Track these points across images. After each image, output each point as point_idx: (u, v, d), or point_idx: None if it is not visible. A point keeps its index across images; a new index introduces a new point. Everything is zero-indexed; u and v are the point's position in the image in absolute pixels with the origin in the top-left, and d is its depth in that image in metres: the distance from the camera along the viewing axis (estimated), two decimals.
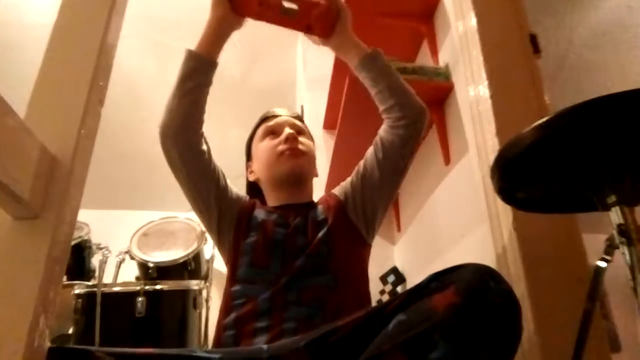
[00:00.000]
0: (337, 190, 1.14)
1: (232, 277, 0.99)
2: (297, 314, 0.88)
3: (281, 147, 1.09)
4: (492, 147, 1.20)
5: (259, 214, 1.06)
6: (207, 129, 1.06)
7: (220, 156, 1.11)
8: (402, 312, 0.66)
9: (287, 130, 1.12)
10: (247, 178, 1.21)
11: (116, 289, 1.67)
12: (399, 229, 2.16)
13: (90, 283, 1.91)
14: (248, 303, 0.92)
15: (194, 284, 1.76)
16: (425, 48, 1.83)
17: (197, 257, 2.01)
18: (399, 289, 1.95)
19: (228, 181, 1.11)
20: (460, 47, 1.46)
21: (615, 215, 0.79)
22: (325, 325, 0.75)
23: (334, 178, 1.94)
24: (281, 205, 1.10)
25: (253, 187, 1.19)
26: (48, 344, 0.73)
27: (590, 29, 2.63)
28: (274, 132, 1.14)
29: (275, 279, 0.93)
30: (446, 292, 0.64)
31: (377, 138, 1.09)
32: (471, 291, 0.63)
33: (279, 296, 0.91)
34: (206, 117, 1.05)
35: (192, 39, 1.07)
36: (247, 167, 1.21)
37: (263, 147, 1.13)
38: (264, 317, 0.89)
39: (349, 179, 1.13)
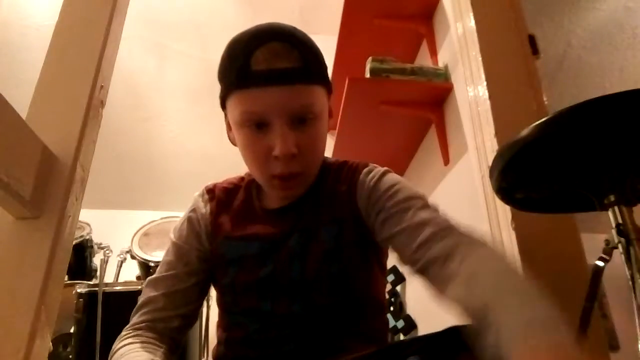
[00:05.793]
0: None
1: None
2: (298, 348, 0.74)
3: (271, 171, 0.73)
4: (491, 147, 1.20)
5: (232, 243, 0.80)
6: (207, 130, 1.04)
7: (219, 159, 1.08)
8: (419, 357, 0.56)
9: (280, 143, 0.69)
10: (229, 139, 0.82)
11: (117, 288, 1.67)
12: None
13: (91, 282, 1.92)
14: (239, 328, 0.77)
15: None
16: (424, 49, 1.84)
17: None
18: (399, 288, 1.95)
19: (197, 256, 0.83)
20: (459, 48, 1.47)
21: (613, 215, 0.79)
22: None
23: None
24: (273, 210, 0.82)
25: None
26: (49, 343, 0.74)
27: (589, 30, 2.64)
28: (260, 123, 0.70)
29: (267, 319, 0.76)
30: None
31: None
32: None
33: (273, 331, 0.75)
34: (206, 119, 1.01)
35: (192, 41, 1.06)
36: (225, 121, 0.81)
37: (245, 144, 0.74)
38: (255, 348, 0.75)
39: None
